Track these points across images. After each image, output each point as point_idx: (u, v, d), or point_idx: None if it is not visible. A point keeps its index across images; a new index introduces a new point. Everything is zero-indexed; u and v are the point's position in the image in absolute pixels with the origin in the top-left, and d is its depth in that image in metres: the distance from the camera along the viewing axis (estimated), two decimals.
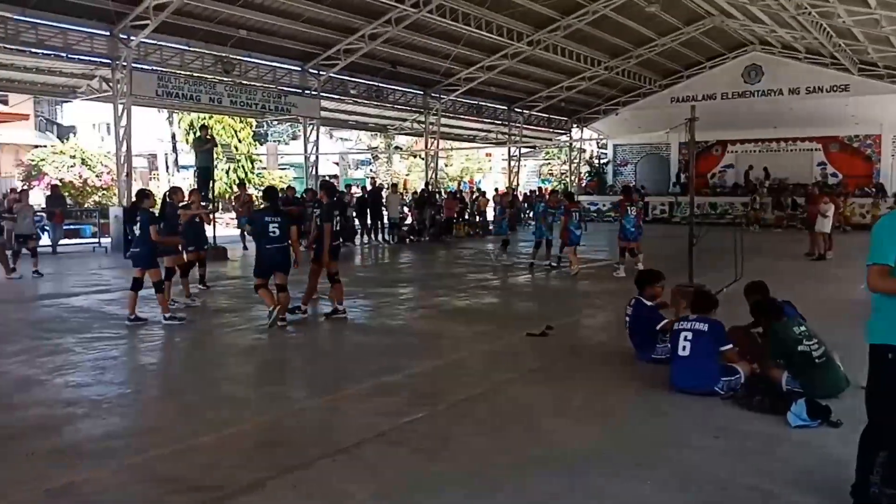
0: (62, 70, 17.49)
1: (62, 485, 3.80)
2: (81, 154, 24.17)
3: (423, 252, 18.29)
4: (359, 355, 6.96)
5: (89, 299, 10.02)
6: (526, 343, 7.34)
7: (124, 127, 17.25)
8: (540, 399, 5.40)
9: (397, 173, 44.54)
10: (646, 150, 32.98)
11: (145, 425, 4.85)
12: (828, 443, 4.43)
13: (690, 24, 23.64)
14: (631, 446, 4.36)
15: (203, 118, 28.23)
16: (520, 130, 30.64)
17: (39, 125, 35.18)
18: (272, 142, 41.34)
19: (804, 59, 25.72)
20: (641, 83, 28.84)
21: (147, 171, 38.44)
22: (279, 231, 8.07)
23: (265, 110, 20.77)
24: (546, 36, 21.89)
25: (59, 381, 5.88)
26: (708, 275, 9.28)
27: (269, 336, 7.83)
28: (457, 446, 4.40)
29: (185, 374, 6.36)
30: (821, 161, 28.76)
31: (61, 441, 4.50)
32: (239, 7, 16.72)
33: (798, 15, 18.43)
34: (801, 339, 5.28)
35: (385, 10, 18.46)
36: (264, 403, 5.35)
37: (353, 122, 28.47)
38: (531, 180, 46.19)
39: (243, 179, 28.54)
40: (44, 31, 15.63)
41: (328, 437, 4.53)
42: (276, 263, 8.15)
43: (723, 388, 5.28)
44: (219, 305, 9.90)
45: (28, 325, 8.28)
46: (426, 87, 24.95)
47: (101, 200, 22.92)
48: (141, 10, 15.52)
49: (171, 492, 3.74)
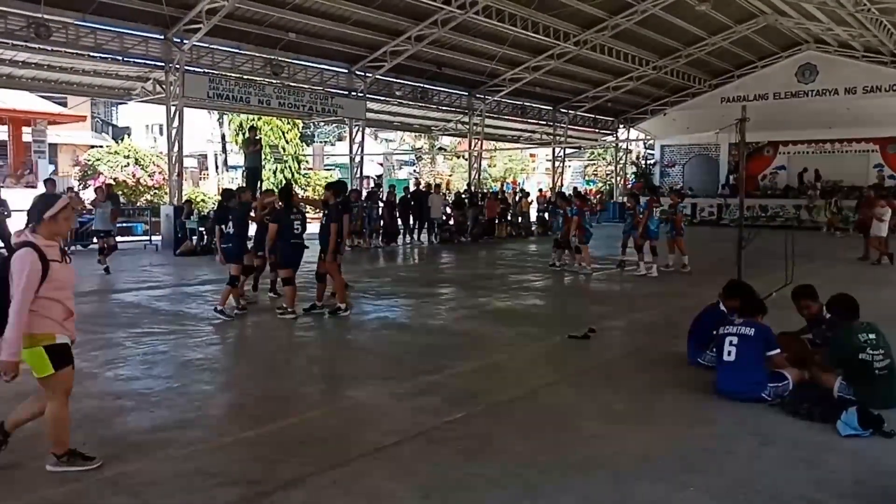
0: (118, 73, 18.05)
1: (112, 475, 3.91)
2: (135, 154, 24.86)
3: (464, 253, 18.29)
4: (399, 355, 6.99)
5: (139, 295, 10.29)
6: (568, 345, 7.28)
7: (176, 128, 17.70)
8: (582, 402, 5.34)
9: (440, 174, 44.64)
10: (694, 150, 32.35)
11: (191, 419, 4.96)
12: (880, 453, 4.28)
13: (742, 23, 23.10)
14: (675, 452, 4.28)
15: (252, 119, 28.76)
16: (564, 131, 30.39)
17: (96, 126, 36.35)
18: (318, 142, 41.89)
19: (862, 58, 24.88)
20: (691, 83, 28.31)
21: (197, 171, 39.39)
22: (301, 228, 8.78)
23: (312, 112, 21.06)
24: (593, 36, 21.66)
25: (110, 375, 6.05)
26: (758, 278, 9.05)
27: (313, 334, 7.93)
28: (497, 447, 4.39)
29: (230, 370, 6.49)
30: (878, 163, 27.78)
31: (111, 432, 4.64)
32: (288, 10, 16.99)
33: (856, 12, 17.87)
34: (865, 348, 5.09)
35: (431, 12, 18.53)
36: (306, 400, 5.42)
37: (397, 124, 28.64)
38: (576, 181, 45.79)
39: (289, 181, 28.97)
40: (101, 35, 16.16)
41: (369, 435, 4.56)
42: (301, 257, 8.89)
43: (770, 394, 5.15)
44: (264, 303, 10.07)
45: (81, 320, 8.44)
46: (471, 88, 24.94)
47: (153, 199, 23.52)
48: (194, 15, 15.90)
49: (215, 485, 3.81)
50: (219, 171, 37.72)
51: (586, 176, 47.14)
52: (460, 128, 27.60)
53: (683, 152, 32.92)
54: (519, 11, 19.27)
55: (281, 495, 3.70)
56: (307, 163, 33.63)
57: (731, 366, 5.28)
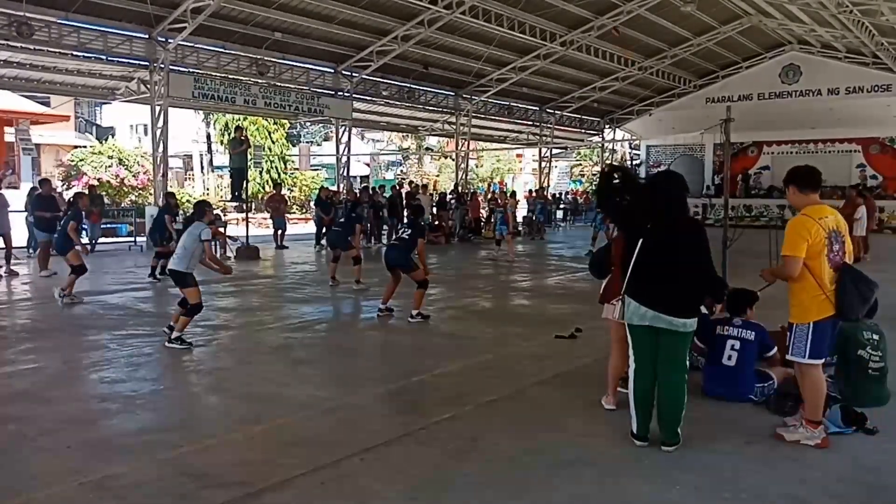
0: (102, 72, 17.90)
1: (97, 478, 3.88)
2: (119, 154, 24.68)
3: (450, 253, 18.29)
4: (387, 355, 6.99)
5: (124, 297, 10.22)
6: (555, 345, 7.30)
7: (161, 128, 17.58)
8: (568, 401, 5.36)
9: (428, 174, 44.62)
10: (680, 151, 32.51)
11: (177, 421, 4.93)
12: (863, 450, 4.33)
13: (727, 24, 23.26)
14: (661, 451, 4.30)
15: (238, 119, 28.61)
16: (551, 131, 30.48)
17: (79, 126, 36.02)
18: (305, 143, 41.73)
19: (844, 59, 25.14)
20: (676, 83, 28.48)
21: (182, 172, 39.13)
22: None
23: (298, 112, 20.98)
24: (579, 36, 21.74)
25: (95, 377, 6.01)
26: (742, 278, 9.11)
27: (299, 335, 7.90)
28: (485, 447, 4.40)
29: (216, 372, 6.45)
30: (860, 163, 28.09)
31: (96, 435, 4.59)
32: (274, 10, 16.92)
33: (839, 13, 18.03)
34: (865, 346, 5.15)
35: (418, 12, 18.52)
36: (294, 402, 5.39)
37: (384, 124, 28.61)
38: (562, 181, 45.94)
39: (277, 181, 28.86)
40: (85, 34, 16.01)
41: (356, 436, 4.55)
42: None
43: (757, 394, 5.19)
44: (251, 304, 10.03)
45: (65, 322, 8.47)
46: (457, 89, 24.97)
47: (138, 200, 23.37)
48: (178, 14, 15.80)
49: (202, 487, 3.79)
50: (204, 172, 37.49)
51: (573, 176, 47.29)
52: (447, 128, 27.61)
53: (669, 152, 33.09)
54: (505, 11, 19.30)
55: (269, 497, 3.69)
56: (293, 163, 33.50)
57: (730, 370, 5.29)
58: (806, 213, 4.37)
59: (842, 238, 4.38)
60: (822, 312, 4.30)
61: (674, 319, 4.25)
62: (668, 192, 4.45)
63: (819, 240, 4.27)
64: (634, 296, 4.34)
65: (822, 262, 4.28)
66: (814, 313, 4.31)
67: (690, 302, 4.33)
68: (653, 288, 4.30)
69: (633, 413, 4.40)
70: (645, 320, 4.30)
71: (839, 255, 4.34)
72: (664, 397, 4.37)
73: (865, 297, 4.36)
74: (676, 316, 4.25)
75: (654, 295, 4.29)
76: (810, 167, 4.56)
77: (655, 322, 4.28)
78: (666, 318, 4.25)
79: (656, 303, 4.27)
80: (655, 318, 4.27)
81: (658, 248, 4.30)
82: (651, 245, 4.32)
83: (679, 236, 4.33)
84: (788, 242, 4.32)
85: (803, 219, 4.35)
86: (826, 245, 4.28)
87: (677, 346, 4.35)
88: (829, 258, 4.29)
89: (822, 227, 4.29)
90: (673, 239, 4.31)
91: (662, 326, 4.28)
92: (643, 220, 4.41)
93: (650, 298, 4.28)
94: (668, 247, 4.29)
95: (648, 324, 4.30)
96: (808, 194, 4.46)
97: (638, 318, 4.33)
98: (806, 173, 4.51)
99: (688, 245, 4.30)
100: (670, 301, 4.26)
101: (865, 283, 4.36)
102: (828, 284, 4.28)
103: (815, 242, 4.26)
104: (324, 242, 18.41)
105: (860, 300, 4.33)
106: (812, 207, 4.40)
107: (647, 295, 4.30)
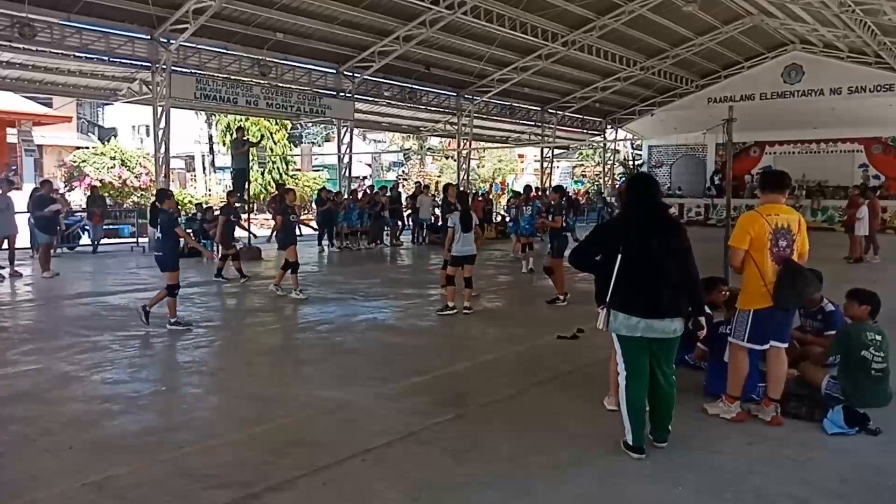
0: (104, 73, 17.89)
1: (99, 479, 3.89)
2: (121, 155, 24.68)
3: None
4: (389, 356, 6.99)
5: (126, 298, 10.21)
6: (557, 345, 7.30)
7: (163, 129, 17.59)
8: (571, 402, 5.36)
9: (429, 174, 44.62)
10: (682, 151, 32.51)
11: (179, 422, 4.93)
12: (866, 450, 4.33)
13: (729, 24, 23.23)
14: (664, 451, 4.30)
15: (239, 120, 28.63)
16: (553, 131, 30.47)
17: (81, 127, 36.05)
18: (307, 143, 41.77)
19: (847, 59, 25.09)
20: (678, 83, 28.44)
21: (184, 172, 39.18)
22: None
23: (300, 112, 20.98)
24: (581, 36, 21.71)
25: (97, 378, 6.01)
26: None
27: (300, 336, 7.90)
28: (487, 448, 4.40)
29: (218, 373, 6.45)
30: (863, 163, 28.05)
31: (98, 436, 4.60)
32: (276, 10, 16.93)
33: (841, 13, 17.98)
34: (868, 346, 5.16)
35: (420, 13, 18.51)
36: (295, 402, 5.40)
37: (386, 124, 28.59)
38: (564, 181, 45.90)
39: (281, 182, 28.87)
40: (87, 35, 16.00)
41: (358, 437, 4.56)
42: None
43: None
44: (252, 305, 10.04)
45: (67, 323, 8.49)
46: (459, 89, 24.96)
47: (140, 201, 23.36)
48: (180, 15, 15.80)
49: (204, 487, 3.80)
50: (206, 173, 37.55)
51: (574, 176, 47.28)
52: (449, 128, 27.59)
53: (671, 153, 33.08)
54: (507, 12, 19.28)
55: (271, 497, 3.69)
56: (295, 163, 33.54)
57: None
58: (757, 210, 4.77)
59: (792, 236, 4.67)
60: (763, 302, 4.64)
61: (666, 327, 4.15)
62: (649, 195, 4.40)
63: (762, 234, 4.61)
64: (621, 308, 4.19)
65: (766, 255, 4.62)
66: (755, 302, 4.67)
67: (679, 303, 4.22)
68: (641, 296, 4.16)
69: (628, 422, 4.24)
70: (636, 332, 4.17)
71: (785, 251, 4.63)
72: (659, 398, 4.32)
73: (800, 293, 4.66)
74: (667, 318, 4.15)
75: (643, 303, 4.16)
76: (777, 171, 5.09)
77: (647, 333, 4.16)
78: (658, 327, 4.14)
79: (647, 312, 4.14)
80: (648, 329, 4.15)
81: (642, 255, 4.18)
82: (633, 253, 4.20)
83: (662, 238, 4.24)
84: (733, 235, 4.78)
85: (751, 214, 4.75)
86: (770, 240, 4.61)
87: (671, 348, 4.32)
88: (772, 252, 4.62)
89: (767, 223, 4.61)
90: (658, 242, 4.21)
91: (655, 336, 4.19)
92: (621, 233, 4.33)
93: (640, 308, 4.15)
94: (653, 251, 4.18)
95: (640, 335, 4.18)
96: (767, 194, 4.83)
97: (627, 329, 4.19)
98: (767, 175, 5.00)
99: (674, 248, 4.25)
100: (660, 307, 4.14)
101: (803, 279, 4.64)
102: (770, 277, 4.59)
103: (757, 237, 4.62)
104: (325, 243, 18.50)
105: (794, 294, 4.61)
106: (766, 206, 4.75)
107: (635, 304, 4.17)
